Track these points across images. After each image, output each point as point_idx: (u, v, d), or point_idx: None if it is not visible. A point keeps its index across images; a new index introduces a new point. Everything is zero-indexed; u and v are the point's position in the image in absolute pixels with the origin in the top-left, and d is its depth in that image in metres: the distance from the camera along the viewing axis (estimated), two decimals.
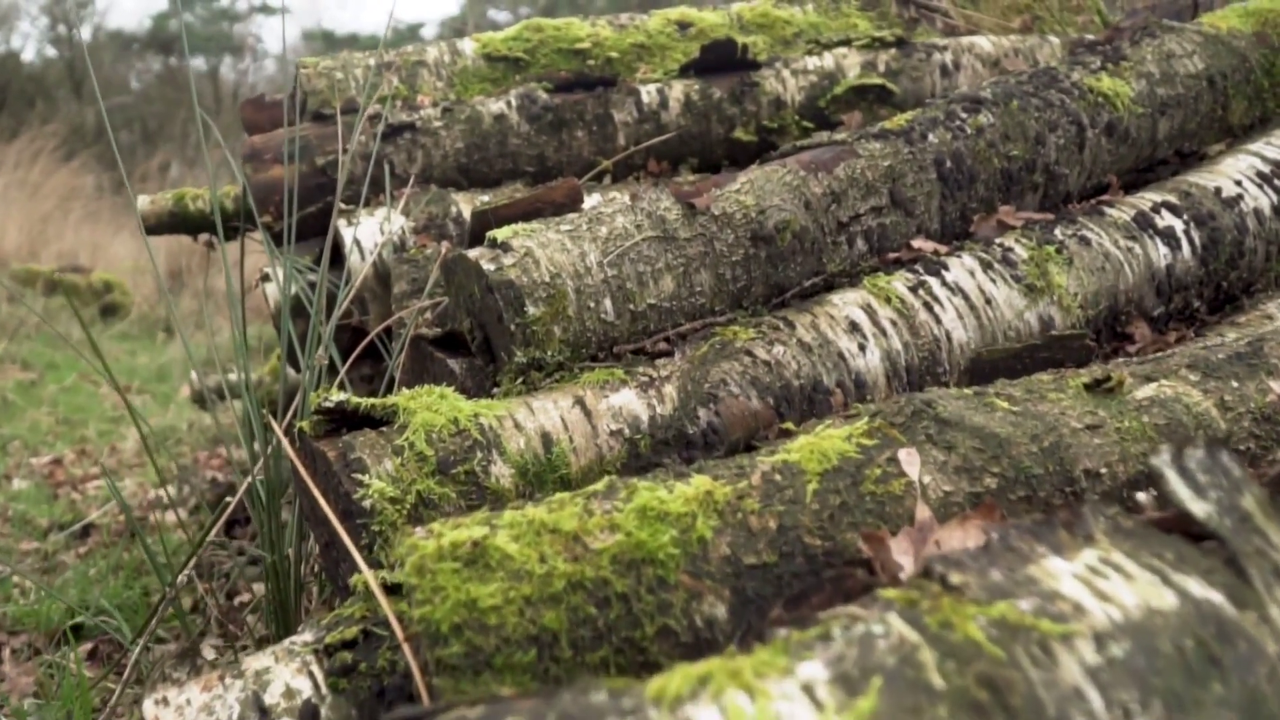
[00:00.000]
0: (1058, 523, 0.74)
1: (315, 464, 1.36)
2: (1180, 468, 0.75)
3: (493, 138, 2.34)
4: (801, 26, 2.80)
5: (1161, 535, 0.74)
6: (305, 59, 2.58)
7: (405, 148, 2.31)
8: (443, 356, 1.70)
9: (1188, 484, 0.74)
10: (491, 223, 1.60)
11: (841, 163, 1.74)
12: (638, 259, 1.54)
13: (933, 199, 1.82)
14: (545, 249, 1.50)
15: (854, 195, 1.73)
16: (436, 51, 2.62)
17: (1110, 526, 0.74)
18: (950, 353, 1.62)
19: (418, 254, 2.01)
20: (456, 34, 16.89)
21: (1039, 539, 0.73)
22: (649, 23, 2.76)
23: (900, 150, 1.80)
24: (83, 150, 13.13)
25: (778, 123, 2.46)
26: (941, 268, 1.69)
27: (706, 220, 1.59)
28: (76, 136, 14.10)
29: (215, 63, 19.35)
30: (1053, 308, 1.70)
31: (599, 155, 2.40)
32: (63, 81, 16.35)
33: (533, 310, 1.46)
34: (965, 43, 2.53)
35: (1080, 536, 0.73)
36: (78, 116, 14.88)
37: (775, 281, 1.65)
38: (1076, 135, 1.99)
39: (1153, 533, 0.74)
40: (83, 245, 11.14)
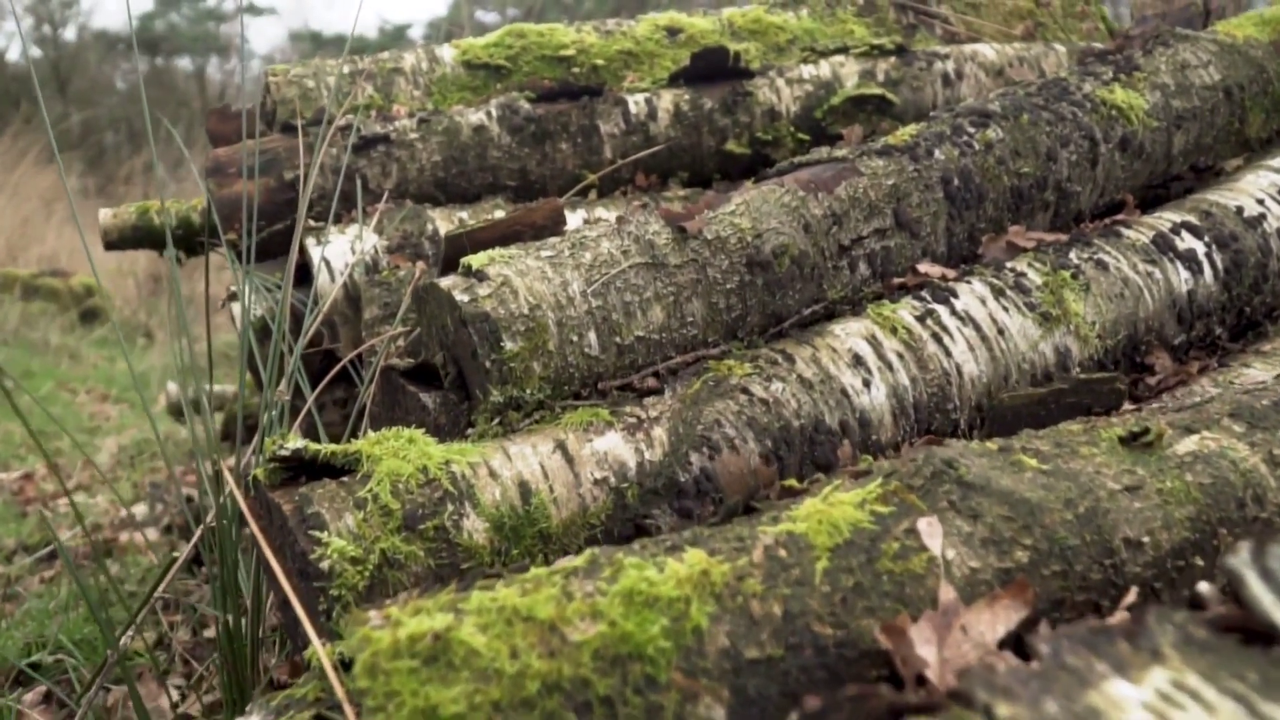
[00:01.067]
0: (1117, 633, 0.63)
1: (271, 515, 1.24)
2: (1262, 569, 0.64)
3: (472, 150, 2.23)
4: (796, 33, 2.69)
5: (1240, 649, 0.63)
6: (275, 66, 2.46)
7: (379, 161, 2.19)
8: (415, 390, 1.58)
9: (1271, 588, 0.63)
10: (466, 247, 1.49)
11: (843, 181, 1.63)
12: (624, 288, 1.42)
13: (939, 220, 1.71)
14: (524, 277, 1.39)
15: (856, 217, 1.62)
16: (414, 58, 2.51)
17: (1180, 638, 0.63)
18: (961, 387, 1.51)
19: (390, 276, 1.89)
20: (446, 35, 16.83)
21: (1097, 653, 0.62)
22: (636, 29, 2.65)
23: (905, 168, 1.69)
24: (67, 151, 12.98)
25: (772, 135, 2.34)
26: (950, 295, 1.58)
27: (698, 245, 1.48)
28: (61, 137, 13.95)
29: (201, 63, 19.20)
30: (1069, 338, 1.59)
31: (584, 169, 2.29)
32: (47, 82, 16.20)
33: (510, 345, 1.34)
34: (968, 50, 2.43)
35: (1145, 651, 0.62)
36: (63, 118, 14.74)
37: (772, 310, 1.54)
38: (1089, 151, 1.88)
39: (1229, 645, 0.63)
40: (64, 248, 10.97)
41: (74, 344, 8.83)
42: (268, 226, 2.14)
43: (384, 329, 1.82)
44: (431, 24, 19.59)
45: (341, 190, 2.16)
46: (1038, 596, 0.88)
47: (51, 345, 8.71)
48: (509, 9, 19.25)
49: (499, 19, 19.50)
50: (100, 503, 4.65)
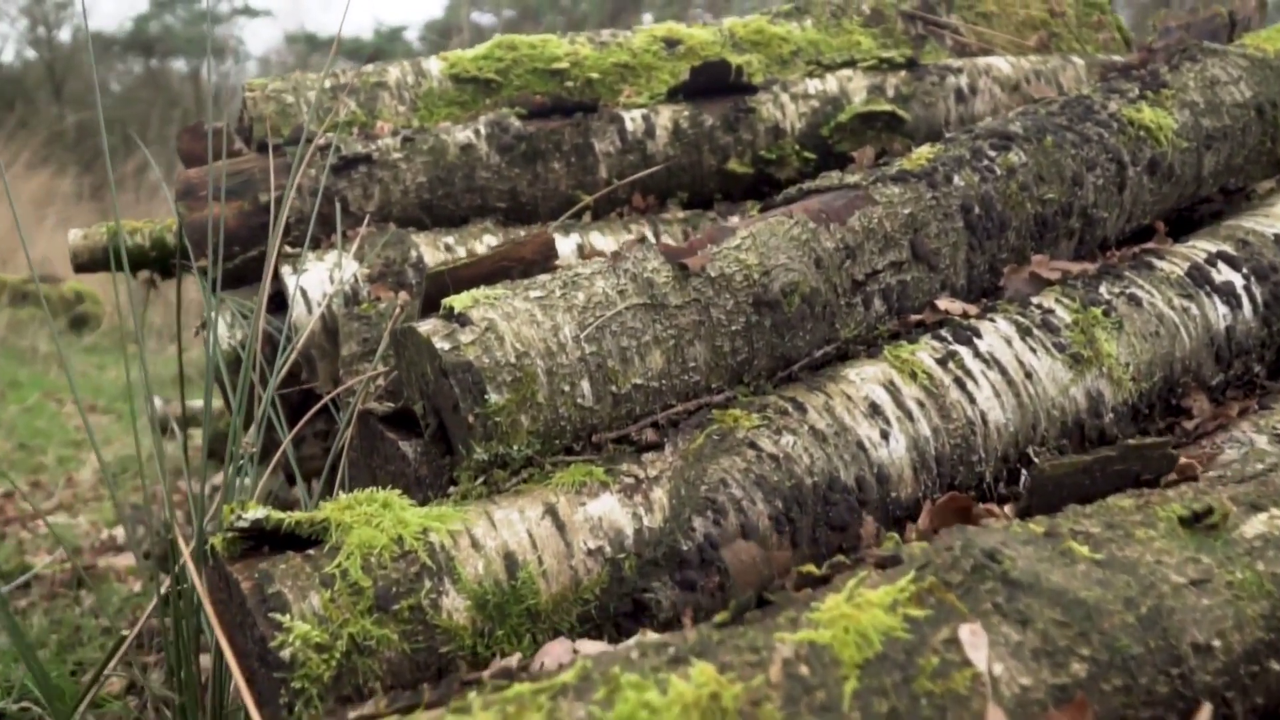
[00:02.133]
0: None
1: (230, 590, 1.13)
2: None
3: (459, 170, 2.11)
4: (800, 44, 2.58)
5: None
6: (252, 80, 2.34)
7: (360, 182, 2.07)
8: (394, 437, 1.47)
9: None
10: (449, 286, 1.37)
11: (856, 211, 1.52)
12: (621, 332, 1.31)
13: (959, 251, 1.59)
14: (511, 321, 1.27)
15: (871, 249, 1.50)
16: (399, 72, 2.39)
17: None
18: (986, 437, 1.39)
19: (370, 309, 1.77)
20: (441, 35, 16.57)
21: None
22: (633, 40, 2.53)
23: (922, 195, 1.57)
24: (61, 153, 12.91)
25: (776, 153, 2.23)
26: (973, 335, 1.46)
27: (701, 283, 1.36)
28: (56, 139, 13.89)
29: (196, 65, 19.13)
30: (1102, 381, 1.48)
31: (578, 189, 2.18)
32: (42, 84, 16.11)
33: (495, 398, 1.23)
34: (981, 64, 2.32)
35: None
36: (57, 119, 14.66)
37: (781, 353, 1.43)
38: (1116, 174, 1.77)
39: None
40: (57, 253, 10.83)
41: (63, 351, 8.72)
42: (242, 252, 2.02)
43: (363, 367, 1.70)
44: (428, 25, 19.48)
45: (320, 213, 2.04)
46: (1098, 716, 0.76)
47: (40, 353, 8.58)
48: (505, 10, 19.16)
49: (495, 20, 19.41)
50: (82, 523, 4.52)
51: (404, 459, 1.44)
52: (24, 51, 17.67)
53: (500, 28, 18.78)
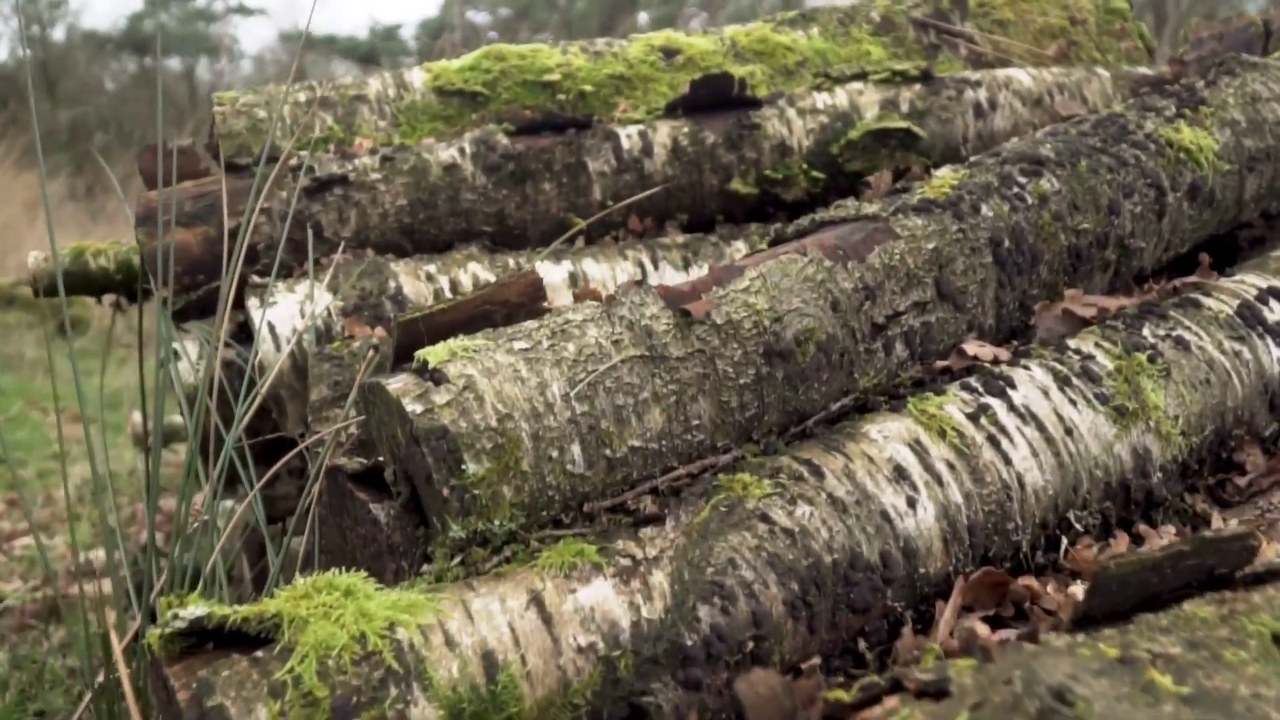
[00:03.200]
0: None
1: (169, 696, 0.99)
2: None
3: (442, 192, 1.97)
4: (806, 54, 2.44)
5: None
6: (221, 94, 2.20)
7: (335, 205, 1.93)
8: (364, 498, 1.33)
9: None
10: (422, 334, 1.23)
11: (876, 246, 1.38)
12: (616, 388, 1.17)
13: (987, 288, 1.46)
14: (492, 378, 1.13)
15: (892, 288, 1.37)
16: (379, 84, 2.25)
17: None
18: (1024, 502, 1.26)
19: (342, 347, 1.63)
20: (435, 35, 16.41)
21: None
22: (629, 50, 2.40)
23: (948, 227, 1.44)
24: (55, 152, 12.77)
25: (782, 172, 2.09)
26: (1007, 384, 1.33)
27: (706, 331, 1.22)
28: (50, 138, 13.78)
29: (191, 63, 19.03)
30: (1149, 436, 1.34)
31: (570, 212, 2.04)
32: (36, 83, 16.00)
33: (474, 468, 1.09)
34: (1001, 77, 2.18)
35: None
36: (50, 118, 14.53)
37: (794, 406, 1.29)
38: (1155, 201, 1.63)
39: None
40: None
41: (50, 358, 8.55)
42: (207, 281, 1.88)
43: (333, 413, 1.56)
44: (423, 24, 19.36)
45: (292, 239, 1.90)
46: None
47: (26, 359, 8.42)
48: (501, 8, 19.02)
49: (489, 19, 19.27)
50: (59, 545, 4.37)
51: (375, 523, 1.30)
52: (18, 49, 17.54)
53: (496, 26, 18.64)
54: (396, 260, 1.90)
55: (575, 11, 18.04)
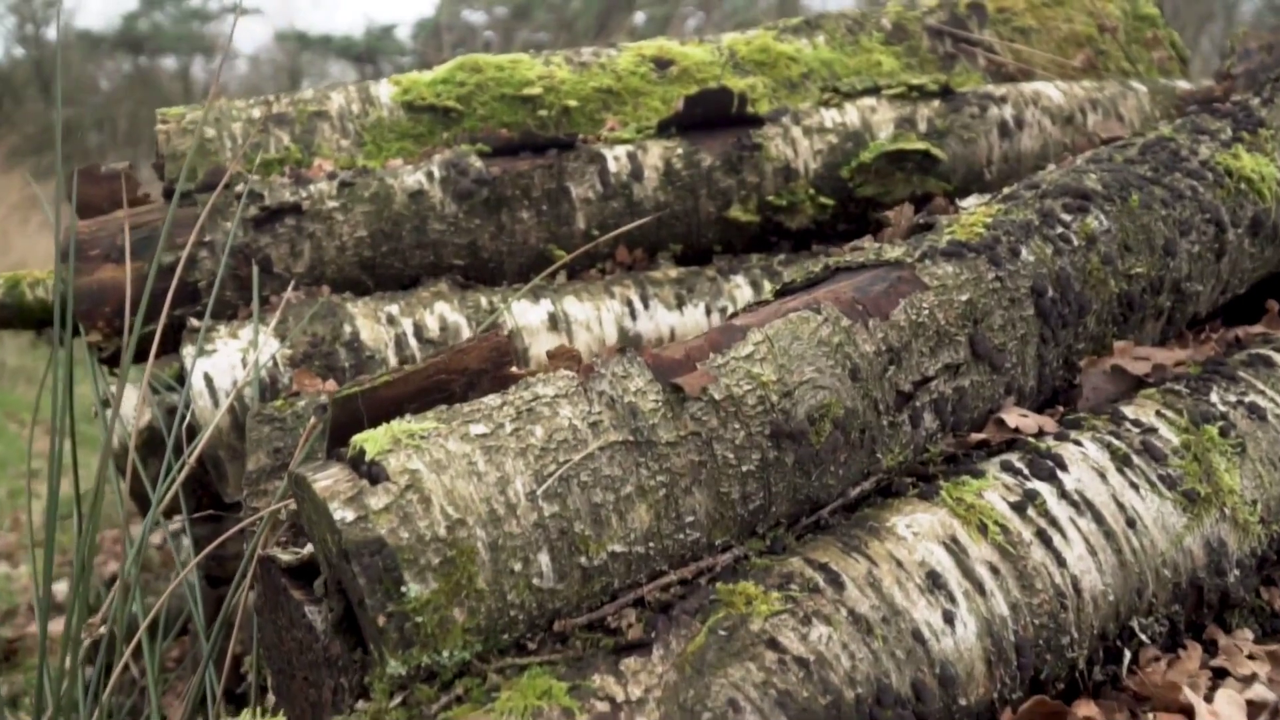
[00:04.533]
0: None
1: None
2: None
3: (407, 222, 1.77)
4: (811, 65, 2.25)
5: None
6: (167, 110, 2.00)
7: (287, 237, 1.73)
8: (300, 598, 1.13)
9: None
10: (361, 414, 1.04)
11: (901, 299, 1.18)
12: (594, 482, 0.97)
13: (1028, 345, 1.26)
14: (443, 472, 0.93)
15: (920, 349, 1.17)
16: (342, 99, 2.05)
17: None
18: (1080, 611, 1.06)
19: (285, 407, 1.43)
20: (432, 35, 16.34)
21: None
22: (618, 60, 2.20)
23: (983, 276, 1.24)
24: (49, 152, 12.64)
25: (787, 199, 1.90)
26: (1056, 465, 1.13)
27: (702, 410, 1.03)
28: (45, 138, 13.64)
29: (186, 62, 18.89)
30: (1223, 525, 1.15)
31: (551, 243, 1.84)
32: (30, 82, 15.85)
33: (417, 589, 0.89)
34: (1028, 92, 1.98)
35: None
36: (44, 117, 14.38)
37: (807, 494, 1.09)
38: (1214, 239, 1.44)
39: None
40: (38, 257, 10.47)
41: (33, 365, 8.33)
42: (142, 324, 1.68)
43: (271, 484, 1.36)
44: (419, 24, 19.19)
45: (237, 276, 1.71)
46: None
47: (8, 367, 8.21)
48: (497, 8, 18.84)
49: (486, 18, 19.09)
50: (23, 573, 4.16)
51: (311, 630, 1.10)
52: (12, 49, 17.37)
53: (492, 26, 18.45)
54: (355, 300, 1.70)
55: (571, 10, 17.88)
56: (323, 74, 16.94)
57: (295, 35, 18.70)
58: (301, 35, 18.77)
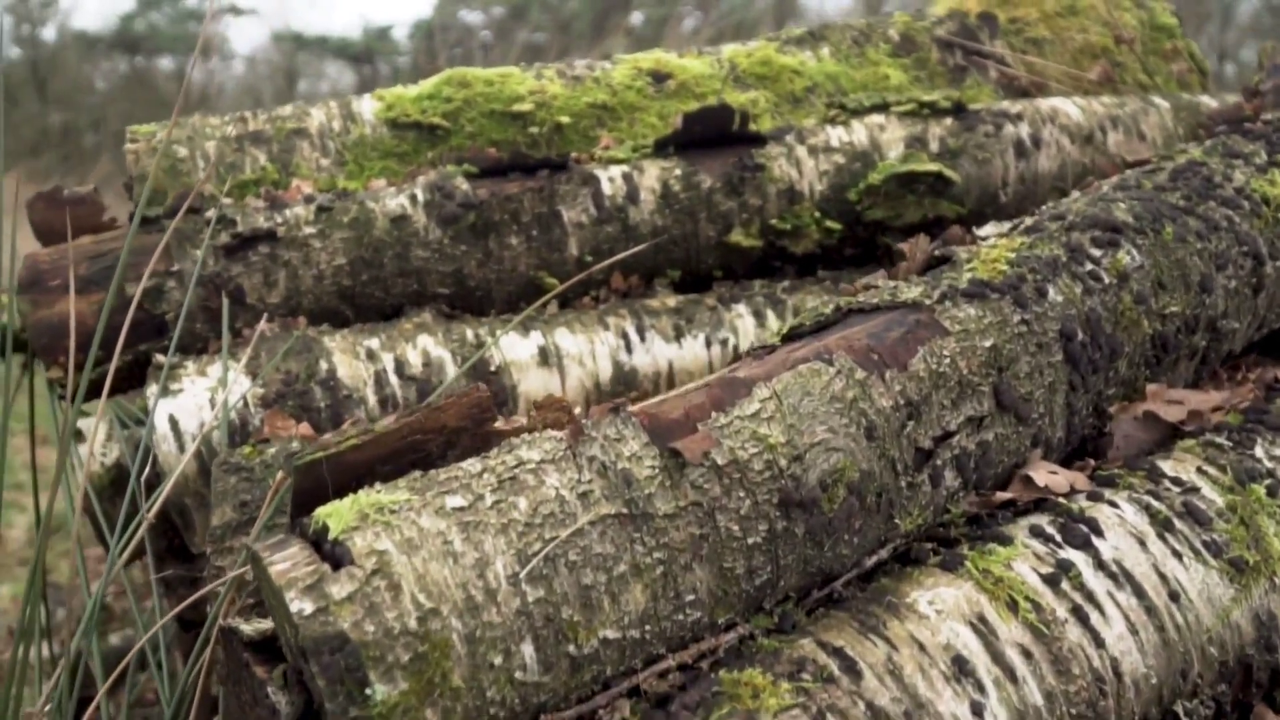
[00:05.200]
0: None
1: None
2: None
3: (389, 249, 1.67)
4: (815, 78, 2.15)
5: None
6: (137, 128, 1.90)
7: (260, 266, 1.63)
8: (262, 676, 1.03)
9: None
10: (326, 481, 0.94)
11: (920, 347, 1.09)
12: (583, 561, 0.88)
13: (1056, 393, 1.17)
14: (415, 553, 0.84)
15: (941, 402, 1.08)
16: (323, 115, 1.95)
17: None
18: (1120, 696, 0.97)
19: (253, 455, 1.33)
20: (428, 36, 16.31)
21: None
22: (613, 73, 2.10)
23: (1008, 318, 1.15)
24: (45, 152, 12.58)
25: (791, 222, 1.80)
26: (1091, 531, 1.04)
27: (703, 477, 0.93)
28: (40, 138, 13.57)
29: (182, 63, 18.85)
30: (1274, 596, 1.06)
31: (541, 270, 1.74)
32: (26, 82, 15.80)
33: (384, 690, 0.79)
34: (1045, 109, 1.89)
35: None
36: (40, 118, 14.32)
37: (819, 566, 1.00)
38: (1252, 273, 1.35)
39: None
40: None
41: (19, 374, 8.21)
42: (106, 359, 1.58)
43: (235, 541, 1.26)
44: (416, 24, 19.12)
45: (208, 308, 1.61)
46: None
47: None
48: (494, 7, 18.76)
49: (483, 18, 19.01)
50: (4, 594, 4.06)
51: (274, 713, 1.01)
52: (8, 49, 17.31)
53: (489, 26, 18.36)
54: (332, 333, 1.60)
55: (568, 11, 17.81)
56: (319, 75, 16.87)
57: (292, 36, 18.67)
58: (298, 36, 18.73)
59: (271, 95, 14.96)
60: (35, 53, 16.70)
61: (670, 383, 1.67)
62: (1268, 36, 11.03)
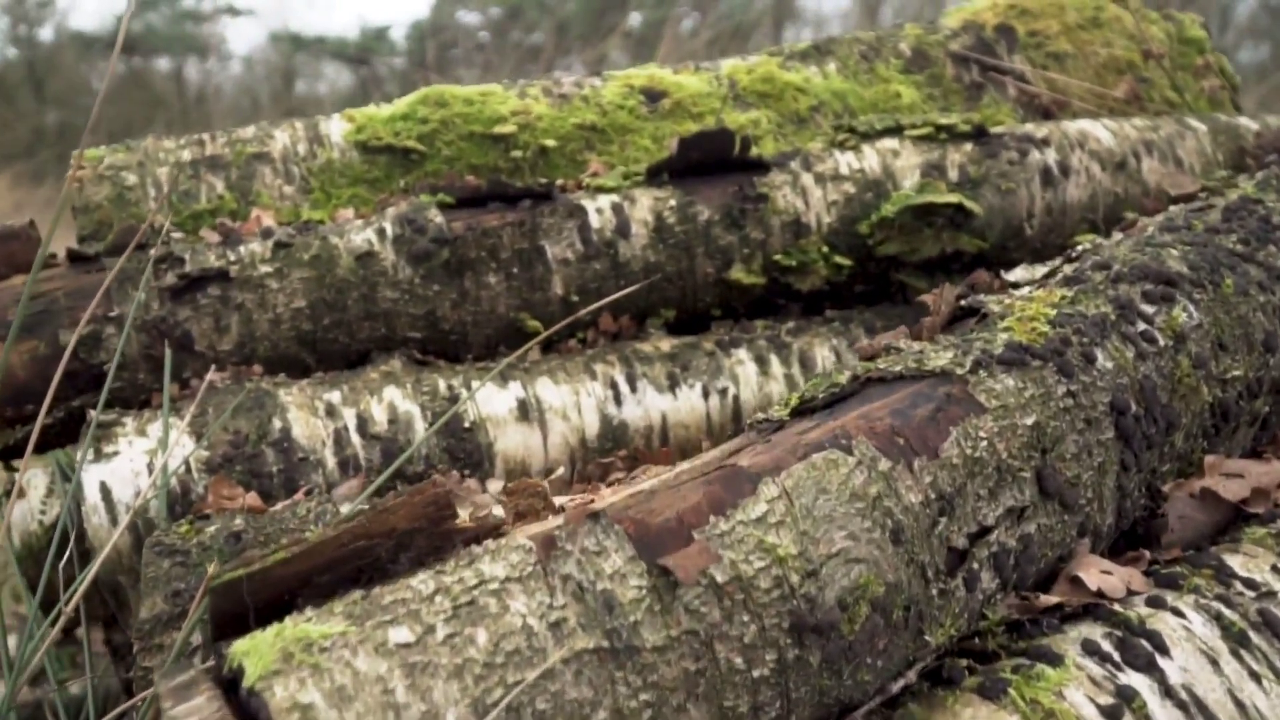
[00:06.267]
0: None
1: None
2: None
3: (354, 290, 1.52)
4: (821, 96, 2.00)
5: None
6: (88, 151, 1.75)
7: (211, 310, 1.48)
8: None
9: None
10: (247, 604, 0.79)
11: (952, 428, 0.94)
12: (554, 710, 0.73)
13: (1106, 475, 1.02)
14: (346, 709, 0.69)
15: (977, 492, 0.93)
16: (287, 138, 1.80)
17: None
18: None
19: (190, 534, 1.18)
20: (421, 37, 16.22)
21: None
22: (603, 91, 1.95)
23: (1052, 390, 1.00)
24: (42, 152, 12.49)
25: (797, 258, 1.65)
26: (1155, 649, 0.89)
27: (701, 599, 0.78)
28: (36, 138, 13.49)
29: (180, 64, 18.75)
30: None
31: (522, 311, 1.59)
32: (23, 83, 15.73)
33: None
34: (1073, 132, 1.74)
35: None
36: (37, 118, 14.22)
37: (836, 696, 0.84)
38: None
39: None
40: None
41: None
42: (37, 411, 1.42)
43: (167, 637, 1.11)
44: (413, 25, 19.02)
45: (151, 356, 1.46)
46: None
47: None
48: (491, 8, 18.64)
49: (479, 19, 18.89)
50: None
51: None
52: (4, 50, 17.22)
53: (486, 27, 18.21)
54: (289, 385, 1.45)
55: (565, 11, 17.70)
56: (317, 75, 16.75)
57: (289, 36, 18.58)
58: (295, 36, 18.65)
59: (269, 96, 14.83)
60: (32, 53, 16.62)
61: (664, 438, 1.52)
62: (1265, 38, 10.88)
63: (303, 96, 14.99)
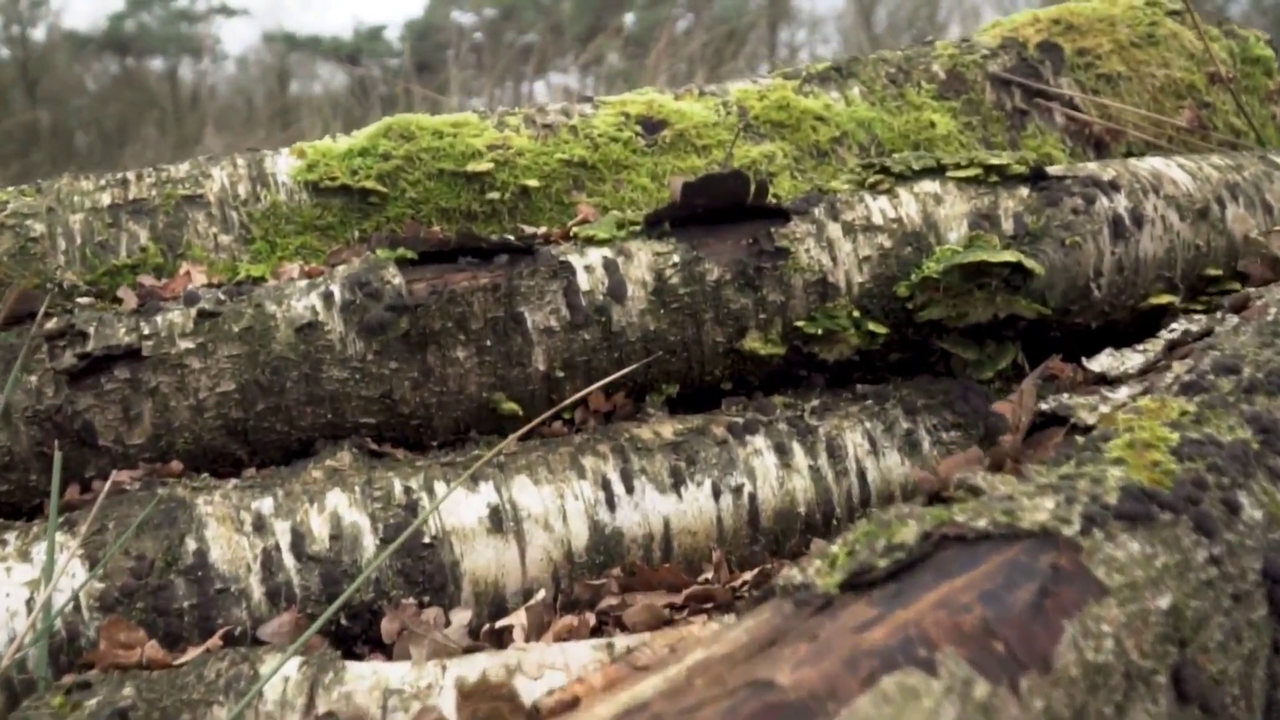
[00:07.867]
0: None
1: None
2: None
3: (294, 369, 1.27)
4: (844, 126, 1.75)
5: None
6: None
7: (119, 396, 1.23)
8: None
9: None
10: None
11: (1065, 622, 0.69)
12: None
13: (1256, 665, 0.77)
14: None
15: (1100, 710, 0.68)
16: (226, 178, 1.55)
17: None
18: None
19: (65, 709, 0.92)
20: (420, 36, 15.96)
21: None
22: (594, 120, 1.70)
23: (1190, 557, 0.75)
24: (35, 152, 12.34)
25: (823, 325, 1.40)
26: None
27: None
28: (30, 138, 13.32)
29: (174, 64, 18.60)
30: None
31: (497, 389, 1.34)
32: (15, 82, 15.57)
33: None
34: (1145, 174, 1.49)
35: None
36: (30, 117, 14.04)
37: None
38: None
39: None
40: None
41: None
42: None
43: None
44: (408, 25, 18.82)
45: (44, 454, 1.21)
46: None
47: None
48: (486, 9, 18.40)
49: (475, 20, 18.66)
50: None
51: None
52: None
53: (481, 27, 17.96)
54: (211, 490, 1.20)
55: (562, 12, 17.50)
56: (312, 76, 16.54)
57: (283, 36, 18.38)
58: (290, 36, 18.44)
59: (263, 96, 14.61)
60: (25, 53, 16.48)
61: (666, 548, 1.27)
62: None
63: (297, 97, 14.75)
